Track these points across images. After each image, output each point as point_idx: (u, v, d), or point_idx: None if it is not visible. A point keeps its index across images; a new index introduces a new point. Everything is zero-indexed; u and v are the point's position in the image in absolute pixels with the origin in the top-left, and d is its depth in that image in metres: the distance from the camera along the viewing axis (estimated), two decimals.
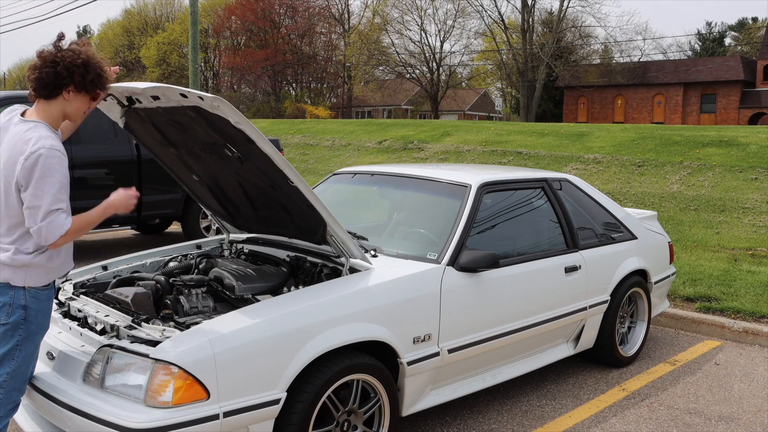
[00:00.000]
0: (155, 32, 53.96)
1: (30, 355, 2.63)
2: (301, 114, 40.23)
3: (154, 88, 2.72)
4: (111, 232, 9.57)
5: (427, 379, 3.36)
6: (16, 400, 2.64)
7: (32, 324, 2.57)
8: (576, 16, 44.58)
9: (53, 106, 2.57)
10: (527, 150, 13.71)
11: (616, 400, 4.13)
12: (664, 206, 10.05)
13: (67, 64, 2.51)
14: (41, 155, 2.41)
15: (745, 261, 7.38)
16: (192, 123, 2.82)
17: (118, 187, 2.76)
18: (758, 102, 40.69)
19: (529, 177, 4.38)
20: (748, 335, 5.34)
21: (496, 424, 3.75)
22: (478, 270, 3.50)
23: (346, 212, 4.57)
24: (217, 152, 2.99)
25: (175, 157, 3.34)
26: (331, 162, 15.09)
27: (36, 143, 2.43)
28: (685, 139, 13.07)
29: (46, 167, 2.42)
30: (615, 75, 43.44)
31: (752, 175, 10.74)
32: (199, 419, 2.53)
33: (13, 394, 2.61)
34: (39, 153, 2.41)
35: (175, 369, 2.53)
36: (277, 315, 2.82)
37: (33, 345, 2.62)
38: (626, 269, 4.61)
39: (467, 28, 51.79)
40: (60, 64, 2.51)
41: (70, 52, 2.53)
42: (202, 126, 2.80)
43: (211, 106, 2.58)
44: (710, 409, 4.06)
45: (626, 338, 4.82)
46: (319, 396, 2.86)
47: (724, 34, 58.84)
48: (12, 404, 2.63)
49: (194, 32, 14.30)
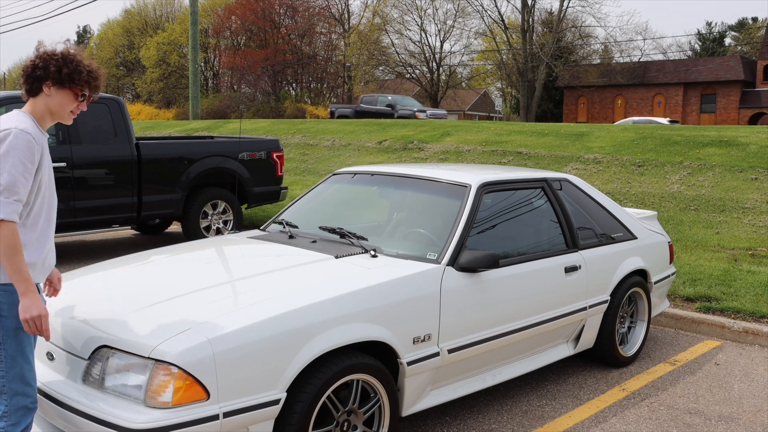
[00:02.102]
0: (155, 32, 53.95)
1: (20, 355, 2.51)
2: (301, 114, 40.20)
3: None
4: (111, 232, 9.57)
5: (427, 380, 3.36)
6: (24, 404, 2.53)
7: (8, 319, 2.47)
8: (576, 16, 44.65)
9: (37, 102, 2.60)
10: (527, 150, 13.71)
11: (616, 400, 4.13)
12: (664, 206, 10.05)
13: (43, 56, 2.56)
14: (10, 134, 2.43)
15: (745, 261, 7.38)
16: None
17: (118, 187, 2.76)
18: (758, 102, 40.70)
19: (529, 177, 4.38)
20: (748, 335, 5.34)
21: (496, 424, 3.75)
22: (478, 270, 3.50)
23: (346, 212, 4.58)
24: None
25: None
26: (331, 162, 15.08)
27: (8, 125, 2.46)
28: (685, 139, 13.06)
29: (12, 146, 2.41)
30: (615, 75, 43.47)
31: (752, 175, 10.74)
32: (199, 419, 2.53)
33: (18, 399, 2.52)
34: (9, 131, 2.43)
35: (175, 369, 2.52)
36: (277, 315, 2.82)
37: (18, 342, 2.51)
38: (626, 269, 4.61)
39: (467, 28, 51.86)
40: (38, 57, 2.57)
41: (50, 48, 2.60)
42: None
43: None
44: (710, 409, 4.05)
45: (626, 338, 4.82)
46: (319, 396, 2.86)
47: (724, 34, 58.85)
48: (22, 410, 2.52)
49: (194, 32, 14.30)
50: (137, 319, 2.84)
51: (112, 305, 3.05)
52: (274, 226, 4.37)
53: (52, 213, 2.68)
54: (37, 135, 2.52)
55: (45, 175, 2.58)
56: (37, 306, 2.43)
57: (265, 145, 8.92)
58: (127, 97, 57.49)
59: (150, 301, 3.00)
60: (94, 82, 2.66)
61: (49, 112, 2.63)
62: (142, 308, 2.94)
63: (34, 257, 2.56)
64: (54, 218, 2.70)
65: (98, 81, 2.67)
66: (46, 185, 2.60)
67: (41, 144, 2.53)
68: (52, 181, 2.69)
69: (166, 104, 52.31)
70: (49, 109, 2.62)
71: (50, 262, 2.68)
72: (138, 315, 2.88)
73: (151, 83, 52.45)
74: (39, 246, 2.59)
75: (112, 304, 3.07)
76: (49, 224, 2.65)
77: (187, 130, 20.78)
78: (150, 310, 2.91)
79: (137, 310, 2.93)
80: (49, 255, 2.65)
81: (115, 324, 2.83)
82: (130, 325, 2.80)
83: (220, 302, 2.97)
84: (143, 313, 2.89)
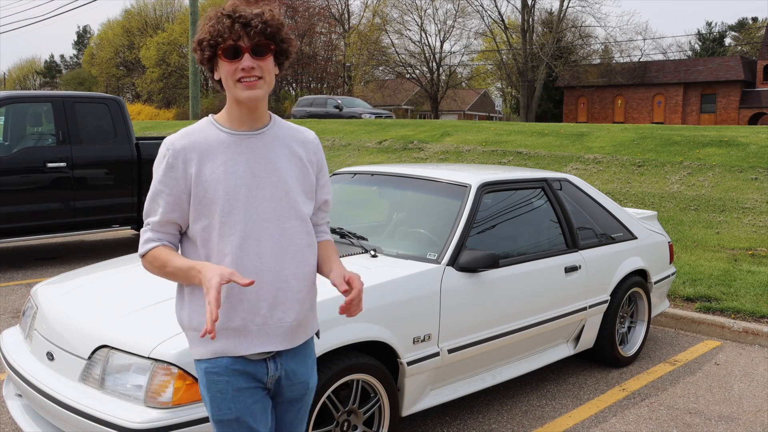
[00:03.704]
0: (155, 32, 53.97)
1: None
2: None
3: None
4: (111, 232, 9.57)
5: (427, 379, 3.36)
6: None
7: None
8: (576, 16, 44.63)
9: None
10: (527, 150, 13.71)
11: (616, 400, 4.13)
12: (664, 206, 10.05)
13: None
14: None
15: (745, 261, 7.38)
16: None
17: (118, 187, 2.70)
18: (758, 102, 40.69)
19: (529, 177, 4.38)
20: (748, 335, 5.34)
21: (496, 424, 3.75)
22: (478, 270, 3.50)
23: (346, 212, 4.57)
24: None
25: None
26: (331, 162, 15.08)
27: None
28: (685, 139, 13.06)
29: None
30: (615, 75, 43.46)
31: (752, 175, 10.74)
32: (199, 419, 2.53)
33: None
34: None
35: (175, 369, 2.52)
36: None
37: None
38: (626, 269, 4.61)
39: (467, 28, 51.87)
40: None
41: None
42: None
43: None
44: (710, 409, 4.05)
45: (626, 338, 4.82)
46: (319, 396, 2.86)
47: (724, 34, 58.86)
48: None
49: (194, 32, 14.30)
50: (137, 319, 2.84)
51: (112, 305, 3.05)
52: None
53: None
54: (175, 140, 2.02)
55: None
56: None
57: None
58: (127, 97, 57.52)
59: (150, 301, 3.00)
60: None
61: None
62: (142, 308, 2.94)
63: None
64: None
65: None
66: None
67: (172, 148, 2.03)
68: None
69: (166, 104, 52.34)
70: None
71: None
72: (138, 315, 2.88)
73: (151, 83, 52.48)
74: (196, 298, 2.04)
75: (112, 304, 3.07)
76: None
77: None
78: (150, 310, 2.91)
79: (137, 309, 2.93)
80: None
81: (115, 324, 2.83)
82: (130, 325, 2.80)
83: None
84: (143, 313, 2.89)
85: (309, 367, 2.05)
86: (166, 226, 1.94)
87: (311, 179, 2.03)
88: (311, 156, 2.06)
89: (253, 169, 1.92)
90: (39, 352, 3.01)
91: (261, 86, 1.88)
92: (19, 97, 7.19)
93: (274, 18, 1.88)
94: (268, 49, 1.88)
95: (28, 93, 7.55)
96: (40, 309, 3.20)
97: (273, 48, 1.89)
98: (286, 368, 1.98)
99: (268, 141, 1.97)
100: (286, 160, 1.98)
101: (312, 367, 2.06)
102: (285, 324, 1.93)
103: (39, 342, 3.04)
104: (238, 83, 1.87)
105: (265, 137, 1.96)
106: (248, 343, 1.90)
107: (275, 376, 1.96)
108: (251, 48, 1.85)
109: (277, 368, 1.96)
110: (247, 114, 1.93)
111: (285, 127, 2.04)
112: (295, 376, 2.00)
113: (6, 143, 7.07)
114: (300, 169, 2.00)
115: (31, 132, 7.31)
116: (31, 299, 3.41)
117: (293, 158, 2.00)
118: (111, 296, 3.20)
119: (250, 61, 1.85)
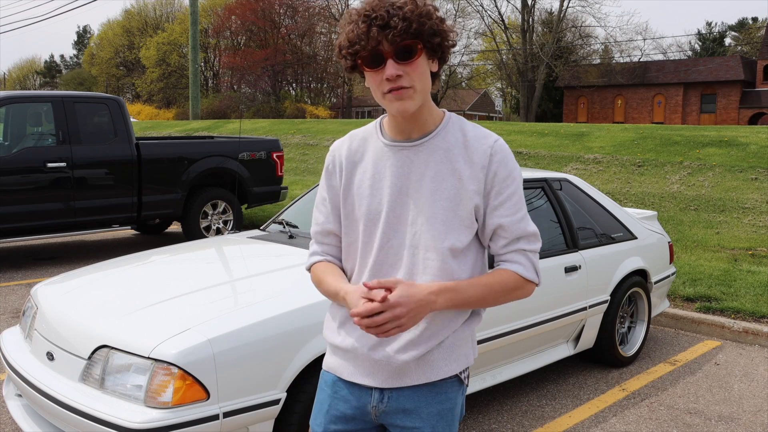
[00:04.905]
0: (155, 32, 53.98)
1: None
2: (301, 114, 40.22)
3: None
4: (111, 232, 9.58)
5: None
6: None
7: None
8: (576, 16, 44.69)
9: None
10: (527, 150, 13.71)
11: (616, 400, 4.13)
12: (664, 206, 10.05)
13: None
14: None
15: (745, 261, 7.38)
16: None
17: (118, 187, 2.70)
18: (758, 102, 40.71)
19: (529, 177, 4.38)
20: (748, 335, 5.34)
21: (496, 424, 3.75)
22: None
23: None
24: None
25: None
26: None
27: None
28: (685, 139, 13.07)
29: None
30: (615, 75, 43.48)
31: (752, 175, 10.74)
32: (199, 419, 2.53)
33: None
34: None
35: (175, 369, 2.52)
36: (277, 315, 2.82)
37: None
38: (626, 269, 4.61)
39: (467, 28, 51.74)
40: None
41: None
42: None
43: None
44: (710, 409, 4.05)
45: (626, 338, 4.82)
46: None
47: (724, 34, 58.88)
48: None
49: (194, 32, 14.30)
50: (137, 319, 2.84)
51: (112, 305, 3.05)
52: (274, 226, 4.37)
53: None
54: (335, 147, 1.88)
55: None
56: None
57: (265, 145, 8.92)
58: (127, 97, 57.52)
59: (150, 301, 3.00)
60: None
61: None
62: (142, 308, 2.94)
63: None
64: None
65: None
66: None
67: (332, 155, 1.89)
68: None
69: (166, 104, 52.34)
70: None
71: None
72: (138, 315, 2.88)
73: (151, 83, 52.48)
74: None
75: (112, 304, 3.07)
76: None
77: (187, 130, 20.77)
78: (150, 310, 2.91)
79: (137, 310, 2.93)
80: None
81: (115, 324, 2.83)
82: (130, 325, 2.80)
83: (220, 302, 2.97)
84: (143, 313, 2.89)
85: (425, 418, 1.72)
86: (328, 236, 1.79)
87: (471, 202, 1.67)
88: (478, 172, 1.67)
89: (399, 188, 1.68)
90: (39, 352, 3.02)
91: (411, 96, 1.60)
92: (19, 97, 7.20)
93: (418, 10, 1.57)
94: (416, 49, 1.58)
95: (28, 93, 7.55)
96: (40, 309, 3.20)
97: (421, 47, 1.59)
98: (396, 405, 1.72)
99: (424, 155, 1.68)
100: (439, 179, 1.67)
101: (435, 425, 1.72)
102: (393, 360, 1.69)
103: (39, 342, 3.04)
104: (386, 95, 1.61)
105: (420, 150, 1.68)
106: (353, 368, 1.74)
107: (380, 408, 1.73)
108: (394, 53, 1.58)
109: (383, 401, 1.72)
110: (404, 123, 1.69)
111: (456, 135, 1.71)
112: (408, 418, 1.72)
113: (6, 143, 7.08)
114: (457, 191, 1.66)
115: (31, 132, 7.31)
116: (31, 299, 3.41)
117: (451, 177, 1.67)
118: (111, 296, 3.20)
119: (395, 68, 1.57)
